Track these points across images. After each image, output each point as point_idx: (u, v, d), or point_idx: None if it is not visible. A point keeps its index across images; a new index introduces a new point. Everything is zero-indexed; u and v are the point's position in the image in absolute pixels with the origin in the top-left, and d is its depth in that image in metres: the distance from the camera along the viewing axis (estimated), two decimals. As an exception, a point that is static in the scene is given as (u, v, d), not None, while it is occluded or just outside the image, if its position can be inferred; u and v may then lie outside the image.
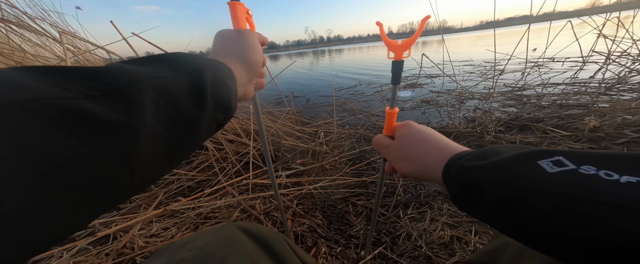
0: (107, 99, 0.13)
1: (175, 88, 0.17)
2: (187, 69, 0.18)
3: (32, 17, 0.84)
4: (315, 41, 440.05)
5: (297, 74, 4.95)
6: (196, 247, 0.26)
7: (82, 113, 0.12)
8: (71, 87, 0.12)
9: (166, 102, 0.16)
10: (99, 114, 0.12)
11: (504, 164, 0.17)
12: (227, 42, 0.27)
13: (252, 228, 0.32)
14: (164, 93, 0.16)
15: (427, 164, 0.25)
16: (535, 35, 2.46)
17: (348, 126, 1.61)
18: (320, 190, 0.94)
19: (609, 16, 2.03)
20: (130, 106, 0.14)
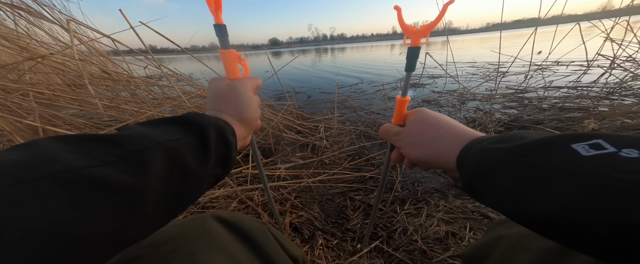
0: (123, 163, 0.16)
1: (183, 149, 0.19)
2: (195, 131, 0.21)
3: (40, 4, 0.84)
4: (319, 39, 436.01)
5: (298, 70, 4.94)
6: (158, 242, 0.23)
7: (101, 179, 0.14)
8: (95, 155, 0.15)
9: (174, 163, 0.18)
10: (114, 177, 0.15)
11: (532, 145, 0.16)
12: (225, 100, 0.28)
13: (231, 219, 0.29)
14: (173, 154, 0.18)
15: (441, 149, 0.24)
16: (541, 38, 2.44)
17: (348, 123, 1.61)
18: (318, 184, 0.95)
19: (618, 20, 2.01)
20: (141, 168, 0.16)
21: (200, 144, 0.21)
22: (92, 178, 0.14)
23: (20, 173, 0.12)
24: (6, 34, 0.75)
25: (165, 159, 0.18)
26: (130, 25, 0.69)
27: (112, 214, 0.14)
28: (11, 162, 0.13)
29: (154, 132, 0.19)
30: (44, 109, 0.75)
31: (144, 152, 0.17)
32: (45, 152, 0.14)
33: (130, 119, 0.83)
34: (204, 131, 0.22)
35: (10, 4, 0.78)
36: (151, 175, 0.16)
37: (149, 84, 1.01)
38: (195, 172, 0.20)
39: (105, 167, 0.15)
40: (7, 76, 0.66)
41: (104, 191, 0.14)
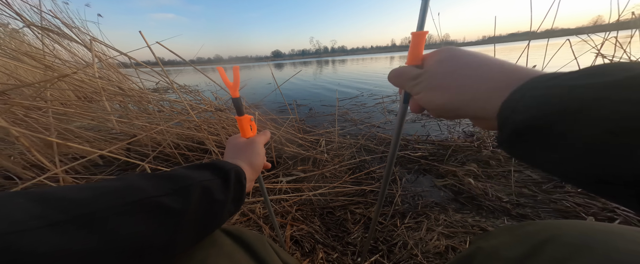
0: (176, 195, 0.22)
1: (213, 187, 0.26)
2: (221, 174, 0.28)
3: (68, 25, 0.92)
4: (320, 51, 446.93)
5: (300, 83, 5.06)
6: None
7: (164, 205, 0.21)
8: (160, 187, 0.22)
9: (206, 196, 0.25)
10: (171, 204, 0.21)
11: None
12: (242, 152, 0.37)
13: (234, 231, 0.33)
14: (207, 190, 0.25)
15: (484, 88, 0.18)
16: (535, 51, 2.52)
17: (349, 136, 1.64)
18: (319, 197, 0.96)
19: (607, 35, 2.09)
20: (186, 199, 0.23)
21: (224, 183, 0.28)
22: (159, 204, 0.21)
23: (122, 196, 0.19)
24: (34, 53, 0.81)
25: (200, 193, 0.24)
26: (148, 45, 0.75)
27: (166, 230, 0.20)
28: (116, 188, 0.19)
29: (193, 173, 0.26)
30: (59, 124, 0.79)
31: (188, 187, 0.24)
32: (136, 184, 0.21)
33: (141, 133, 0.87)
34: (227, 174, 0.29)
35: (42, 27, 0.86)
36: (191, 203, 0.23)
37: (159, 99, 1.06)
38: (219, 203, 0.26)
39: (166, 197, 0.21)
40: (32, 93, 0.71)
41: (163, 212, 0.20)
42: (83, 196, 0.17)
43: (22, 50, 0.90)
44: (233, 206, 0.30)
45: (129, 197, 0.19)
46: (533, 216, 0.80)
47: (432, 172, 1.12)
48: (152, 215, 0.20)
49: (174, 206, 0.21)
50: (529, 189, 0.94)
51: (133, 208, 0.19)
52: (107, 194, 0.18)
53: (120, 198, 0.18)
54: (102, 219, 0.17)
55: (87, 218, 0.16)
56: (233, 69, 0.37)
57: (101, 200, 0.18)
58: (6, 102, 0.59)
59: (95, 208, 0.17)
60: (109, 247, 0.16)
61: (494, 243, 0.29)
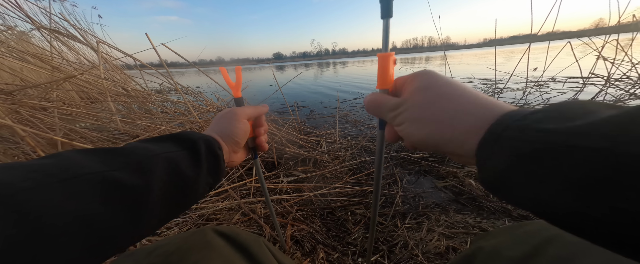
0: (131, 169, 0.19)
1: (179, 159, 0.24)
2: (187, 144, 0.26)
3: (76, 28, 0.94)
4: (321, 53, 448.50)
5: (301, 85, 5.08)
6: (166, 252, 0.25)
7: (115, 180, 0.18)
8: (109, 162, 0.19)
9: (172, 170, 0.22)
10: (127, 179, 0.18)
11: (619, 125, 0.11)
12: (218, 122, 0.34)
13: (228, 232, 0.32)
14: (171, 163, 0.23)
15: (461, 127, 0.18)
16: (536, 54, 2.53)
17: (349, 137, 1.65)
18: (320, 197, 0.96)
19: (608, 38, 2.09)
20: (147, 173, 0.20)
21: (192, 155, 0.25)
22: (111, 180, 0.18)
23: (57, 173, 0.16)
24: (41, 55, 0.83)
25: (165, 166, 0.22)
26: (154, 47, 0.77)
27: (125, 208, 0.18)
28: (48, 165, 0.16)
29: (153, 146, 0.24)
30: (64, 124, 0.80)
31: (146, 161, 0.21)
32: (73, 159, 0.18)
33: (143, 133, 0.88)
34: (195, 144, 0.26)
35: (51, 29, 0.88)
36: (153, 178, 0.20)
37: (162, 100, 1.07)
38: (189, 177, 0.24)
39: (119, 171, 0.19)
40: (38, 94, 0.73)
41: (120, 189, 0.18)
42: (9, 177, 0.14)
43: (30, 51, 0.92)
44: (211, 178, 0.27)
45: (63, 174, 0.16)
46: (534, 217, 0.80)
47: (432, 174, 1.12)
48: (100, 191, 0.17)
49: (131, 181, 0.18)
50: (530, 190, 0.93)
51: (71, 184, 0.16)
52: (35, 172, 0.15)
53: (52, 176, 0.15)
54: (27, 200, 0.14)
55: (10, 200, 0.13)
56: (235, 70, 0.38)
57: (28, 178, 0.14)
58: (13, 102, 0.60)
59: (21, 187, 0.14)
60: (47, 229, 0.13)
61: (495, 242, 0.29)
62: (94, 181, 0.17)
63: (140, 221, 0.19)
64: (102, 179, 0.17)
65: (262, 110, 0.38)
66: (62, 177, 0.16)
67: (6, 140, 0.89)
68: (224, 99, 1.39)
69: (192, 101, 1.20)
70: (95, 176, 0.17)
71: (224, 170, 0.30)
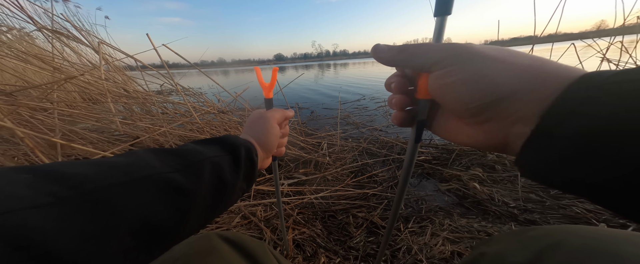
0: (187, 171, 0.21)
1: (223, 163, 0.25)
2: (230, 149, 0.27)
3: (78, 29, 0.94)
4: (322, 55, 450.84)
5: (302, 86, 5.08)
6: (172, 258, 0.26)
7: (173, 182, 0.19)
8: (170, 163, 0.20)
9: (217, 174, 0.23)
10: (181, 182, 0.20)
11: None
12: (254, 127, 0.34)
13: (233, 237, 0.32)
14: (217, 167, 0.24)
15: (517, 84, 0.14)
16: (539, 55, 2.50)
17: (351, 139, 1.63)
18: (321, 200, 0.95)
19: (612, 40, 2.07)
20: (198, 176, 0.21)
21: (234, 160, 0.26)
22: (171, 181, 0.19)
23: (133, 172, 0.17)
24: (43, 56, 0.83)
25: (211, 169, 0.23)
26: (154, 48, 0.76)
27: (179, 210, 0.19)
28: (126, 163, 0.18)
29: (203, 148, 0.25)
30: (63, 125, 0.80)
31: (198, 164, 0.22)
32: (145, 159, 0.19)
33: (144, 134, 0.87)
34: (237, 149, 0.27)
35: (53, 30, 0.88)
36: (203, 182, 0.21)
37: (162, 101, 1.07)
38: (229, 182, 0.25)
39: (176, 173, 0.20)
40: (38, 94, 0.72)
41: (178, 192, 0.19)
42: (87, 172, 0.16)
43: (31, 52, 0.92)
44: (245, 184, 0.28)
45: (137, 173, 0.17)
46: (541, 222, 0.78)
47: (436, 177, 1.10)
48: (163, 192, 0.18)
49: (186, 183, 0.20)
50: (537, 194, 0.92)
51: (142, 184, 0.17)
52: (113, 170, 0.17)
53: (128, 174, 0.17)
54: (112, 197, 0.15)
55: (95, 195, 0.15)
56: (272, 71, 0.37)
57: (107, 176, 0.16)
58: (13, 103, 0.60)
59: (102, 184, 0.15)
60: (117, 225, 0.15)
61: (498, 248, 0.28)
62: (160, 181, 0.18)
63: (187, 223, 0.20)
64: (165, 180, 0.19)
65: (289, 114, 0.39)
66: (135, 177, 0.17)
67: (6, 141, 0.89)
68: (224, 100, 1.38)
69: (193, 101, 1.20)
70: (160, 177, 0.18)
71: (256, 176, 0.30)
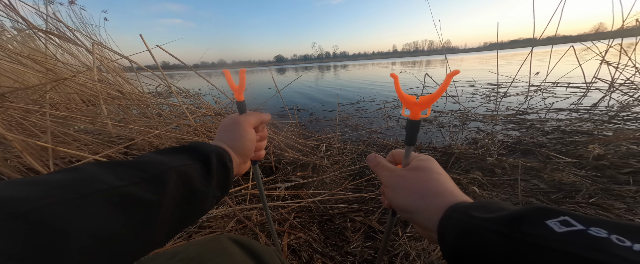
0: (147, 183, 0.20)
1: (191, 172, 0.24)
2: (200, 157, 0.26)
3: (72, 29, 0.93)
4: (322, 56, 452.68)
5: (301, 87, 5.08)
6: (188, 257, 0.27)
7: (129, 195, 0.18)
8: (126, 176, 0.19)
9: (184, 184, 0.23)
10: (141, 195, 0.19)
11: (513, 217, 0.17)
12: (226, 132, 0.33)
13: (243, 240, 0.33)
14: (183, 177, 0.23)
15: (433, 205, 0.23)
16: (538, 58, 2.51)
17: (349, 142, 1.62)
18: (318, 204, 0.94)
19: (611, 42, 2.07)
20: (160, 188, 0.20)
21: (204, 168, 0.25)
22: (126, 195, 0.18)
23: (78, 189, 0.16)
24: (36, 57, 0.82)
25: (176, 180, 0.22)
26: (148, 49, 0.75)
27: (139, 224, 0.18)
28: (69, 180, 0.16)
29: (167, 158, 0.24)
30: (56, 127, 0.79)
31: (161, 175, 0.21)
32: (93, 174, 0.18)
33: (138, 136, 0.86)
34: (207, 157, 0.26)
35: (45, 30, 0.87)
36: (167, 193, 0.20)
37: (158, 103, 1.06)
38: (200, 191, 0.24)
39: (134, 186, 0.19)
40: (31, 96, 0.71)
41: (135, 206, 0.18)
42: (26, 193, 0.14)
43: (24, 53, 0.91)
44: (219, 191, 0.27)
45: (83, 189, 0.16)
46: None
47: (434, 180, 1.09)
48: (117, 207, 0.17)
49: (146, 196, 0.19)
50: (537, 198, 0.91)
51: (90, 200, 0.16)
52: (54, 189, 0.15)
53: (73, 192, 0.16)
54: (46, 216, 0.14)
55: (31, 216, 0.13)
56: (240, 72, 0.36)
57: (46, 195, 0.15)
58: (2, 105, 0.59)
59: (37, 205, 0.14)
60: (59, 244, 0.14)
61: None
62: (112, 197, 0.17)
63: (151, 237, 0.19)
64: (119, 195, 0.17)
65: (265, 118, 0.38)
66: (83, 193, 0.16)
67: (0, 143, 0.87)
68: (221, 101, 1.37)
69: (189, 103, 1.18)
70: (113, 191, 0.17)
71: (232, 183, 0.30)
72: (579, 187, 0.93)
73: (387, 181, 0.28)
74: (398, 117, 2.22)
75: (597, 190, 0.90)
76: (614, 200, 0.85)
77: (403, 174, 0.27)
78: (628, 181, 0.94)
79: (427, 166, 0.26)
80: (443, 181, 0.25)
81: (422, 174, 0.26)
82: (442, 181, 0.25)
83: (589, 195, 0.89)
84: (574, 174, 1.01)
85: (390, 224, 0.33)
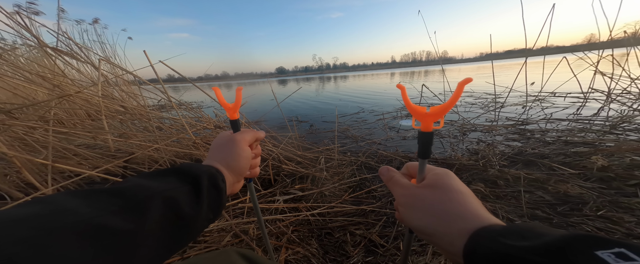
0: (125, 212, 0.18)
1: (178, 196, 0.22)
2: (189, 179, 0.25)
3: (80, 46, 0.97)
4: (322, 68, 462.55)
5: (302, 99, 5.14)
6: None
7: (106, 226, 0.17)
8: (103, 206, 0.18)
9: (170, 209, 0.21)
10: (117, 224, 0.17)
11: (555, 247, 0.15)
12: (220, 150, 0.32)
13: (250, 255, 0.33)
14: (169, 202, 0.21)
15: (454, 229, 0.21)
16: (532, 68, 2.55)
17: (349, 153, 1.62)
18: (317, 217, 0.92)
19: (602, 53, 2.12)
20: (140, 215, 0.19)
21: (193, 191, 0.24)
22: (99, 226, 0.16)
23: (43, 224, 0.15)
24: (44, 74, 0.85)
25: (161, 206, 0.21)
26: (151, 64, 0.78)
27: (115, 254, 0.17)
28: (33, 215, 0.15)
29: (152, 183, 0.22)
30: (58, 143, 0.80)
31: (143, 202, 0.20)
32: (62, 205, 0.17)
33: (138, 151, 0.87)
34: (197, 179, 0.25)
35: (54, 48, 0.90)
36: (148, 220, 0.19)
37: (159, 117, 1.08)
38: (188, 216, 0.23)
39: (111, 216, 0.17)
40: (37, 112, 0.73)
41: (109, 236, 0.17)
42: None
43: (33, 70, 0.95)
44: (212, 213, 0.26)
45: (48, 224, 0.15)
46: None
47: (435, 192, 1.07)
48: (89, 240, 0.16)
49: (123, 226, 0.17)
50: (543, 211, 0.88)
51: (57, 236, 0.14)
52: (19, 224, 0.14)
53: (34, 228, 0.14)
54: (9, 258, 0.12)
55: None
56: (236, 91, 0.35)
57: (8, 233, 0.13)
58: (5, 122, 0.60)
59: None
60: None
61: None
62: (83, 229, 0.16)
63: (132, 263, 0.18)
64: (92, 227, 0.16)
65: (260, 136, 0.37)
66: (48, 228, 0.14)
67: (1, 159, 0.88)
68: (221, 114, 1.39)
69: (190, 116, 1.20)
70: (82, 224, 0.16)
71: (224, 204, 0.29)
72: (586, 199, 0.91)
73: (401, 200, 0.26)
74: (397, 128, 2.23)
75: (604, 202, 0.88)
76: (624, 213, 0.82)
77: (418, 192, 0.24)
78: (635, 193, 0.92)
79: (445, 184, 0.24)
80: (464, 200, 0.22)
81: (440, 193, 0.23)
82: (463, 200, 0.22)
83: (596, 208, 0.86)
84: (580, 186, 0.99)
85: (408, 242, 0.31)
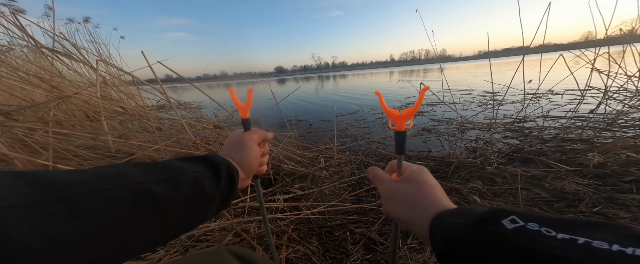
0: (166, 184, 0.23)
1: (203, 179, 0.26)
2: (212, 167, 0.29)
3: (78, 47, 0.97)
4: (321, 67, 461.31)
5: (301, 98, 5.14)
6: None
7: (151, 192, 0.21)
8: (151, 175, 0.22)
9: (196, 188, 0.25)
10: (159, 192, 0.21)
11: (480, 220, 0.20)
12: (233, 148, 0.36)
13: (243, 253, 0.33)
14: (197, 182, 0.25)
15: (424, 216, 0.25)
16: (530, 66, 2.56)
17: (349, 152, 1.63)
18: (317, 215, 0.93)
19: (598, 51, 2.13)
20: (176, 188, 0.23)
21: (215, 176, 0.28)
22: (147, 191, 0.21)
23: (112, 182, 0.19)
24: (41, 75, 0.85)
25: (191, 183, 0.25)
26: (149, 65, 0.78)
27: (153, 217, 0.21)
28: (106, 174, 0.19)
29: (186, 165, 0.27)
30: (58, 144, 0.80)
31: (179, 177, 0.24)
32: (126, 171, 0.21)
33: (138, 151, 0.87)
34: (219, 167, 0.29)
35: (51, 49, 0.90)
36: (180, 194, 0.23)
37: (158, 117, 1.08)
38: (208, 196, 0.26)
39: (156, 184, 0.22)
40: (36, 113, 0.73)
41: (153, 200, 0.21)
42: (71, 179, 0.17)
43: (30, 71, 0.95)
44: (221, 203, 0.29)
45: (117, 181, 0.19)
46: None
47: (434, 190, 1.09)
48: (139, 201, 0.20)
49: (163, 194, 0.21)
50: (540, 208, 0.90)
51: (120, 192, 0.19)
52: (95, 179, 0.18)
53: (108, 183, 0.19)
54: (87, 202, 0.17)
55: (72, 200, 0.16)
56: (247, 92, 0.38)
57: (89, 184, 0.18)
58: (4, 124, 0.60)
59: (81, 190, 0.17)
60: (92, 231, 0.16)
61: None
62: (137, 190, 0.20)
63: (161, 230, 0.22)
64: (143, 190, 0.20)
65: (268, 136, 0.40)
66: (114, 185, 0.19)
67: (2, 160, 0.88)
68: (221, 115, 1.39)
69: (189, 117, 1.20)
70: (139, 186, 0.20)
71: (234, 195, 0.31)
72: (582, 196, 0.92)
73: (384, 194, 0.30)
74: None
75: (600, 199, 0.89)
76: (619, 209, 0.84)
77: (397, 186, 0.29)
78: (631, 189, 0.93)
79: (419, 179, 0.28)
80: (433, 192, 0.27)
81: (416, 187, 0.28)
82: (432, 192, 0.27)
83: (592, 204, 0.88)
84: (576, 183, 1.00)
85: (395, 231, 0.35)
